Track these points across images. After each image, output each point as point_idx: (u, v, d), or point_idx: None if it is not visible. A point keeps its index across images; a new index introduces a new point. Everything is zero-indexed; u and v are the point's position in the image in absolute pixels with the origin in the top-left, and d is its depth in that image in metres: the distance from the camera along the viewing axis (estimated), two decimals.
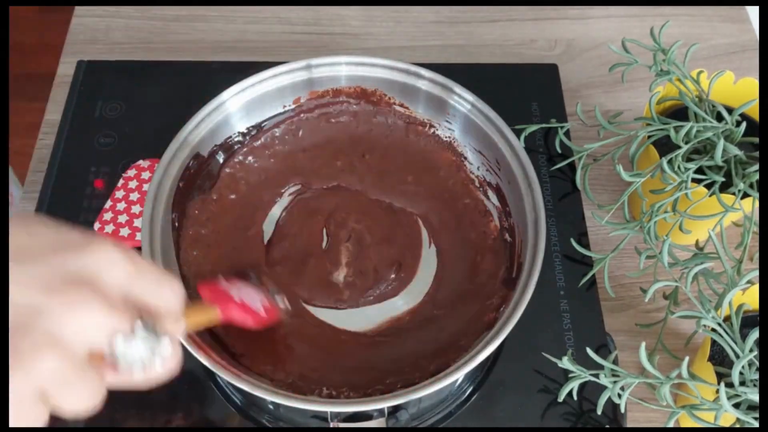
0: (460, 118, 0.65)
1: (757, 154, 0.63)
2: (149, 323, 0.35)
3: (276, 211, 0.66)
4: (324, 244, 0.64)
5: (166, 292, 0.37)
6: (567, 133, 0.74)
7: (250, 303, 0.51)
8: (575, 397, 0.59)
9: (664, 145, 0.64)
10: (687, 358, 0.52)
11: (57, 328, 0.31)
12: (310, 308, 0.61)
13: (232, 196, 0.66)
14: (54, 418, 0.53)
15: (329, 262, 0.62)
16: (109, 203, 0.69)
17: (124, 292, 0.35)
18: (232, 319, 0.49)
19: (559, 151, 0.73)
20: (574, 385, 0.57)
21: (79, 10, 0.87)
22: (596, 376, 0.55)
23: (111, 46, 0.84)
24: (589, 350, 0.56)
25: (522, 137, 0.70)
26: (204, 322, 0.47)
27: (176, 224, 0.61)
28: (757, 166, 0.60)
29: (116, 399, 0.60)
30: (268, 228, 0.65)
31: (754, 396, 0.51)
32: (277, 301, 0.55)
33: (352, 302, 0.61)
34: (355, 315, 0.61)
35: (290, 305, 0.59)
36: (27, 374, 0.31)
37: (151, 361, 0.35)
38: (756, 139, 0.64)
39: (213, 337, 0.56)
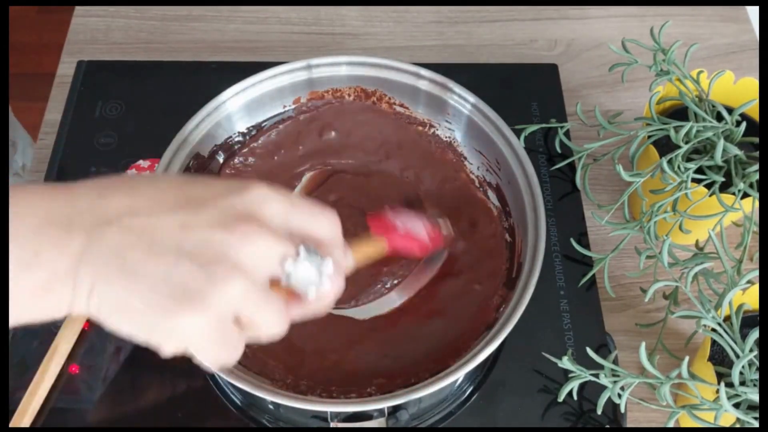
0: (460, 118, 0.65)
1: (757, 154, 0.63)
2: (311, 248, 0.39)
3: None
4: None
5: (322, 222, 0.41)
6: (567, 133, 0.74)
7: (415, 231, 0.53)
8: (575, 397, 0.59)
9: (664, 145, 0.64)
10: (687, 358, 0.52)
11: (239, 257, 0.35)
12: None
13: None
14: (54, 419, 0.53)
15: None
16: None
17: (285, 224, 0.39)
18: (397, 249, 0.51)
19: (559, 151, 0.73)
20: (574, 385, 0.57)
21: (79, 10, 0.87)
22: (596, 376, 0.55)
23: (111, 46, 0.84)
24: (589, 350, 0.56)
25: (522, 137, 0.70)
26: (371, 253, 0.50)
27: None
28: (757, 166, 0.60)
29: (116, 399, 0.60)
30: None
31: (754, 396, 0.51)
32: (440, 225, 0.57)
33: (351, 299, 0.61)
34: (354, 315, 0.61)
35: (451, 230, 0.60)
36: (223, 297, 0.35)
37: (319, 280, 0.39)
38: (756, 139, 0.64)
39: None
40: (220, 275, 0.35)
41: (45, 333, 0.62)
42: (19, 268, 0.34)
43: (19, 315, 0.36)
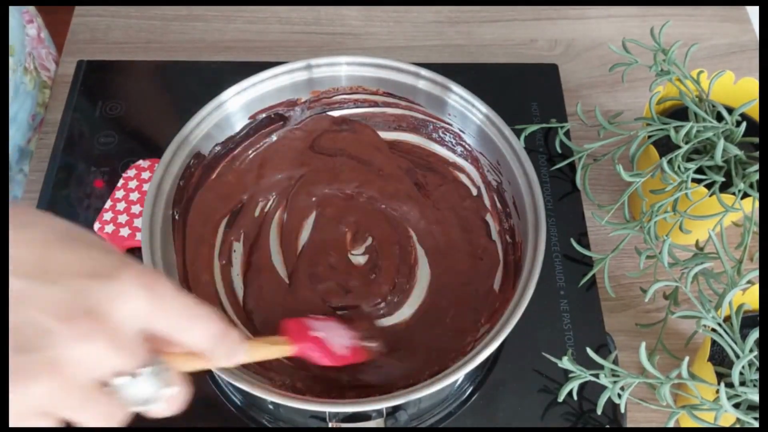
0: (460, 118, 0.65)
1: (757, 154, 0.63)
2: (160, 368, 0.34)
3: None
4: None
5: (194, 330, 0.36)
6: (567, 133, 0.74)
7: (331, 342, 0.50)
8: (575, 397, 0.59)
9: (664, 145, 0.64)
10: (687, 358, 0.52)
11: (60, 354, 0.31)
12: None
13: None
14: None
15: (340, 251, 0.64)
16: (109, 203, 0.69)
17: (142, 329, 0.34)
18: (305, 355, 0.49)
19: (559, 151, 0.73)
20: (574, 385, 0.57)
21: (79, 10, 0.87)
22: (596, 376, 0.55)
23: (111, 46, 0.84)
24: (589, 350, 0.56)
25: (522, 137, 0.70)
26: (270, 354, 0.47)
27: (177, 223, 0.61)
28: (757, 166, 0.60)
29: None
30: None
31: (754, 396, 0.51)
32: (367, 345, 0.55)
33: (359, 295, 0.61)
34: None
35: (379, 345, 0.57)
36: (22, 395, 0.31)
37: (151, 403, 0.35)
38: (756, 139, 0.64)
39: None
40: (28, 368, 0.31)
41: None
42: None
43: None
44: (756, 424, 0.51)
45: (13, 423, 0.31)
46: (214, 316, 0.37)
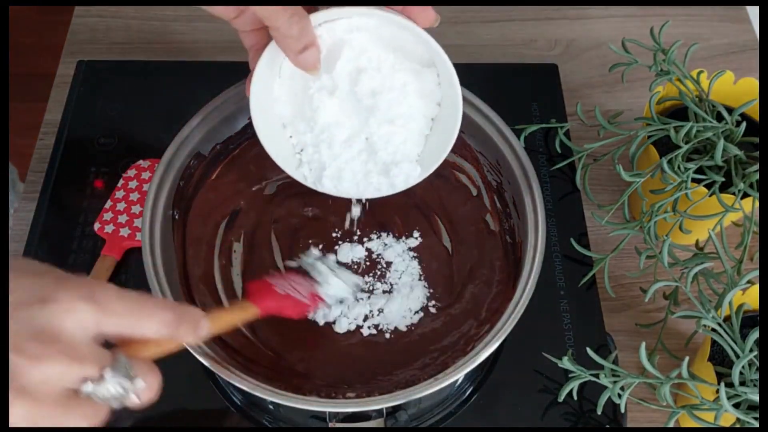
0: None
1: (757, 154, 0.63)
2: (122, 365, 0.37)
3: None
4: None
5: (146, 323, 0.38)
6: (567, 133, 0.74)
7: (296, 293, 0.52)
8: (575, 397, 0.59)
9: (664, 145, 0.64)
10: (687, 358, 0.52)
11: (27, 380, 0.34)
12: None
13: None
14: None
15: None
16: (109, 203, 0.69)
17: (95, 334, 0.36)
18: (273, 310, 0.51)
19: (559, 151, 0.73)
20: (574, 385, 0.57)
21: (79, 10, 0.87)
22: (596, 376, 0.55)
23: (111, 46, 0.84)
24: (589, 350, 0.56)
25: (522, 137, 0.70)
26: (236, 319, 0.49)
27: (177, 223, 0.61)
28: (757, 166, 0.60)
29: None
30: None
31: (754, 396, 0.51)
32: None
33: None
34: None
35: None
36: (8, 421, 0.34)
37: (124, 397, 0.37)
38: (756, 139, 0.64)
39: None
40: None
41: None
42: None
43: None
44: (756, 424, 0.51)
45: None
46: (163, 304, 0.40)
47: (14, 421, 0.34)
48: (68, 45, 0.84)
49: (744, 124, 0.63)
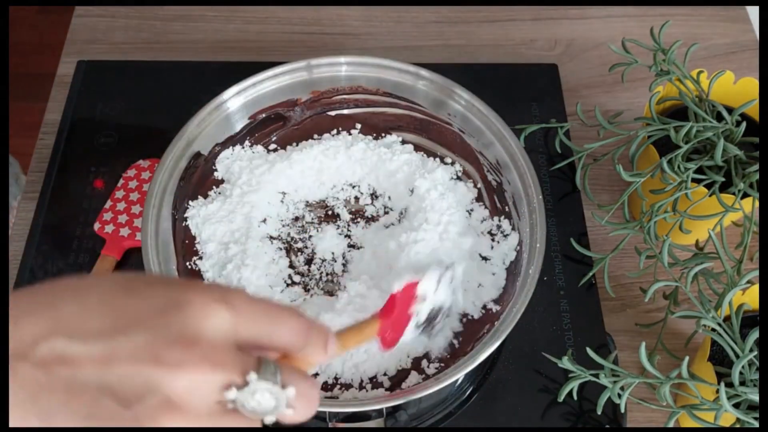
0: (460, 118, 0.65)
1: (757, 154, 0.63)
2: (269, 370, 0.33)
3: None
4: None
5: (281, 330, 0.35)
6: (567, 133, 0.74)
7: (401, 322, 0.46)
8: (575, 397, 0.59)
9: (664, 145, 0.64)
10: (687, 358, 0.52)
11: (171, 391, 0.31)
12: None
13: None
14: None
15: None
16: (109, 203, 0.69)
17: (233, 338, 0.33)
18: (381, 335, 0.44)
19: (559, 151, 0.73)
20: (574, 385, 0.57)
21: (79, 10, 0.87)
22: (596, 376, 0.55)
23: (111, 46, 0.84)
24: (589, 350, 0.56)
25: (522, 137, 0.70)
26: (361, 340, 0.43)
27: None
28: (757, 166, 0.60)
29: None
30: None
31: (754, 396, 0.51)
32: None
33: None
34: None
35: None
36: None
37: (277, 408, 0.33)
38: (756, 139, 0.64)
39: None
40: (147, 414, 0.31)
41: None
42: None
43: None
44: (756, 424, 0.51)
45: None
46: (296, 313, 0.36)
47: None
48: (68, 45, 0.84)
49: (744, 124, 0.63)
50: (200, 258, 0.61)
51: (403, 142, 0.68)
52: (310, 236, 0.63)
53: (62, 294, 0.33)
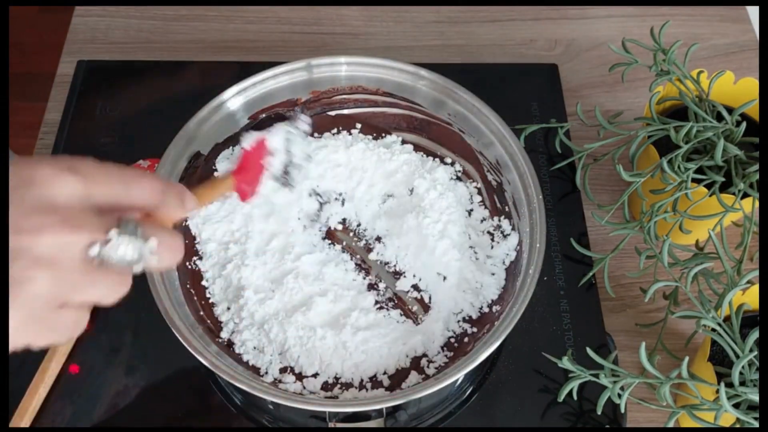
0: (460, 118, 0.65)
1: (757, 154, 0.63)
2: (129, 226, 0.36)
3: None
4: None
5: (135, 190, 0.38)
6: (567, 133, 0.74)
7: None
8: (575, 397, 0.59)
9: (664, 145, 0.64)
10: (687, 358, 0.52)
11: (38, 252, 0.34)
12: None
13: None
14: (54, 419, 0.53)
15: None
16: None
17: (87, 203, 0.36)
18: (239, 188, 0.52)
19: (559, 151, 0.73)
20: (574, 385, 0.57)
21: (79, 10, 0.87)
22: (596, 376, 0.55)
23: (111, 46, 0.84)
24: (589, 350, 0.56)
25: (522, 137, 0.70)
26: (217, 195, 0.51)
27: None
28: (757, 166, 0.60)
29: (116, 399, 0.60)
30: None
31: (754, 396, 0.51)
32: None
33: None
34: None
35: None
36: (28, 294, 0.34)
37: (141, 259, 0.37)
38: (756, 139, 0.64)
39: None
40: (20, 274, 0.34)
41: None
42: None
43: None
44: (756, 424, 0.51)
45: (42, 329, 0.35)
46: (149, 174, 0.39)
47: (38, 292, 0.34)
48: (68, 44, 0.84)
49: (744, 124, 0.63)
50: (200, 258, 0.61)
51: (403, 142, 0.68)
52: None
53: None
